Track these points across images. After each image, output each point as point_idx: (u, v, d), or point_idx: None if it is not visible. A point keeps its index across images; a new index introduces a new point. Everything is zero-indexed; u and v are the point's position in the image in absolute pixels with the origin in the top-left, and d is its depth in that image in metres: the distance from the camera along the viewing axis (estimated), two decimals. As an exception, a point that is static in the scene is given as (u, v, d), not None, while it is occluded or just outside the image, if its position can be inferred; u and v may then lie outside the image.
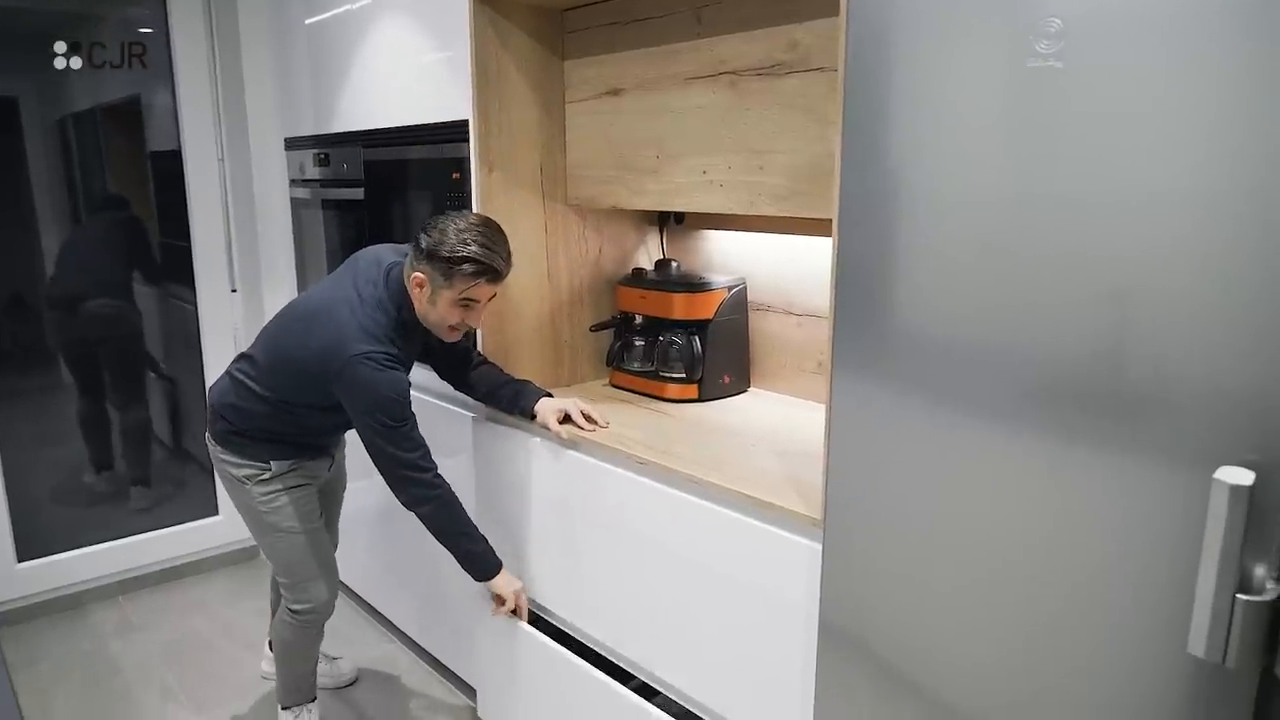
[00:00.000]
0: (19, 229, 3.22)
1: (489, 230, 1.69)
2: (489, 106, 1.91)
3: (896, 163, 1.07)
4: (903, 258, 1.08)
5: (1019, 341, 0.98)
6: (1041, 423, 0.97)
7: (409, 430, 1.75)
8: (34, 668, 2.50)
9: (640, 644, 1.71)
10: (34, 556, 2.79)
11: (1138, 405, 0.89)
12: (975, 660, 1.08)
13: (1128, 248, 0.88)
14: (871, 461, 1.16)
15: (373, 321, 1.72)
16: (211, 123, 2.89)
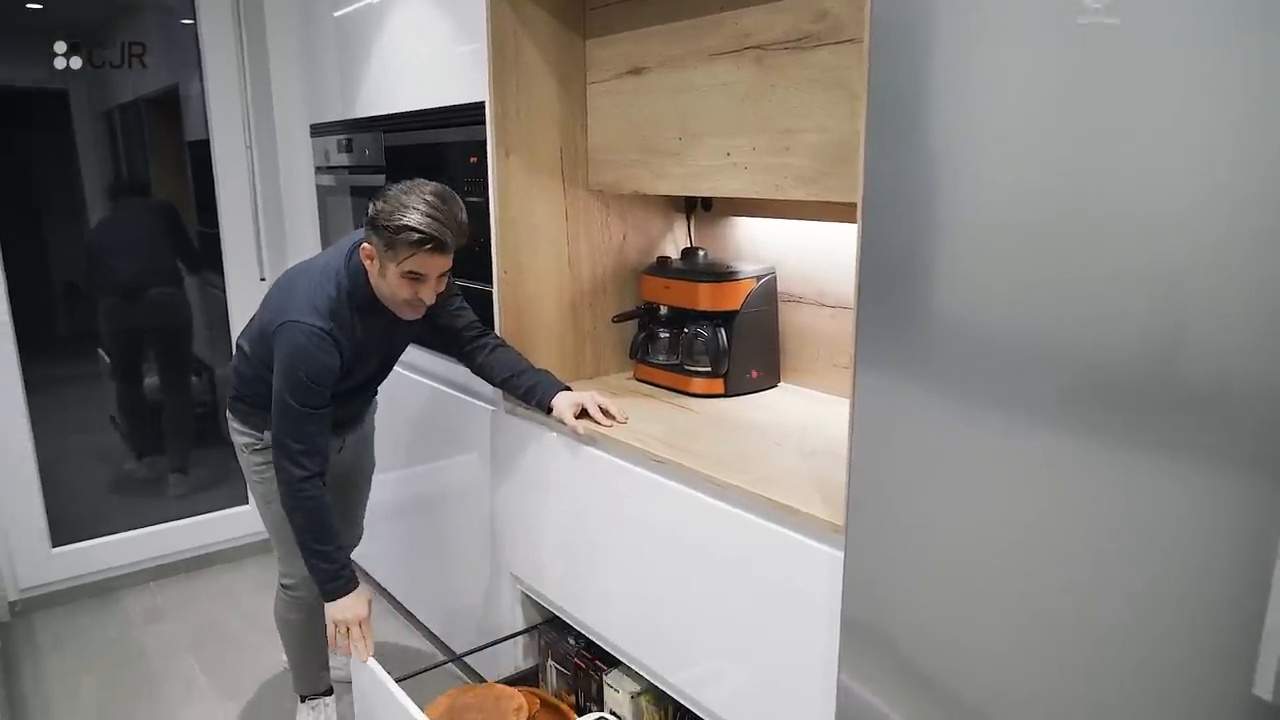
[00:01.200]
0: (70, 219, 3.26)
1: (437, 198, 1.58)
2: (506, 87, 1.84)
3: (927, 138, 0.97)
4: (935, 244, 0.98)
5: (1063, 336, 0.87)
6: (1085, 423, 0.86)
7: (306, 418, 1.67)
8: (64, 652, 2.51)
9: (654, 647, 1.64)
10: (68, 542, 2.81)
11: (1193, 405, 0.78)
12: (1005, 675, 0.98)
13: (1187, 233, 0.77)
14: (898, 464, 1.06)
15: (320, 293, 1.67)
16: (239, 111, 2.87)
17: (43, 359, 2.98)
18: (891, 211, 1.02)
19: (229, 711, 2.23)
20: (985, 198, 0.92)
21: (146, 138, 3.30)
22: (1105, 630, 0.88)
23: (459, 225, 1.60)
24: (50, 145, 4.48)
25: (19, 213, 3.69)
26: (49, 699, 2.30)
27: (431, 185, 1.62)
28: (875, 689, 1.14)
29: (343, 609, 1.75)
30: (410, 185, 1.61)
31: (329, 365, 1.66)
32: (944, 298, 0.98)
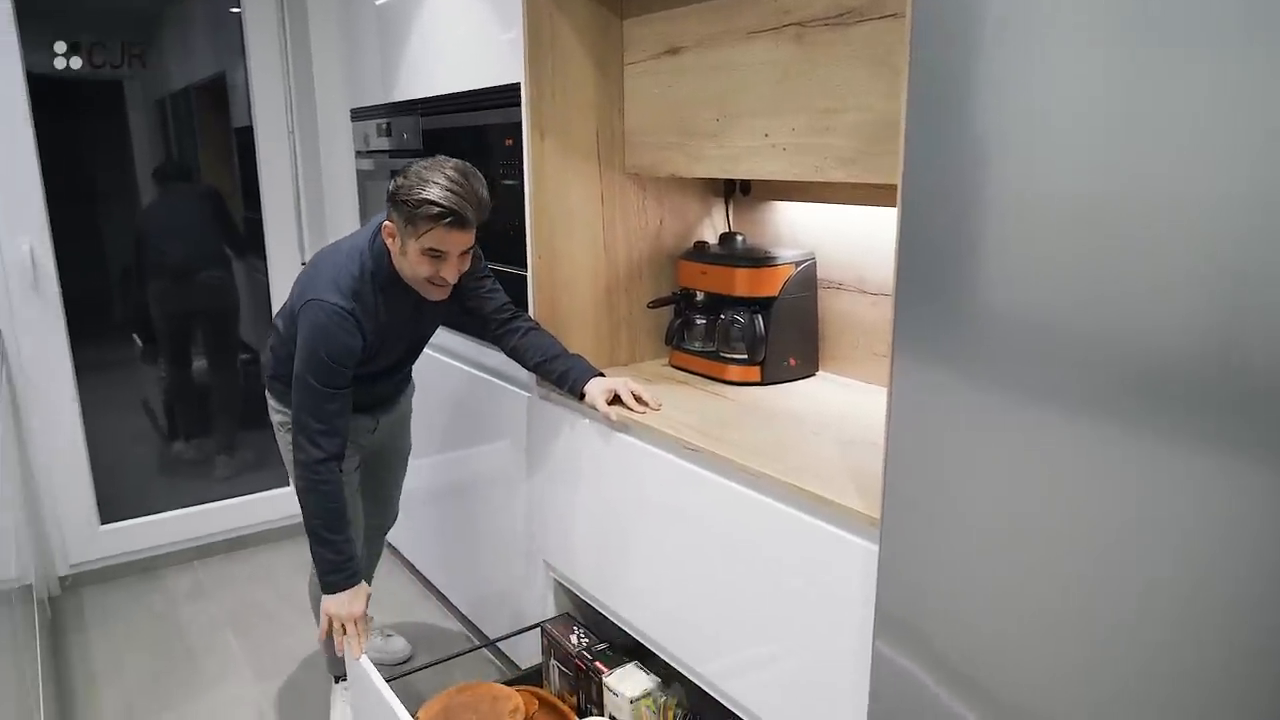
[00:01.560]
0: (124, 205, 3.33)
1: (458, 173, 1.56)
2: (542, 69, 1.81)
3: (974, 119, 0.92)
4: (981, 230, 0.93)
5: (1117, 327, 0.82)
6: (1138, 418, 0.81)
7: (326, 398, 1.66)
8: (109, 626, 2.57)
9: (684, 638, 1.61)
10: (116, 520, 2.87)
11: (1254, 401, 0.72)
12: (1045, 675, 0.94)
13: (1251, 223, 0.71)
14: (937, 455, 1.02)
15: (343, 273, 1.67)
16: (282, 96, 2.89)
17: (96, 342, 3.05)
18: (934, 195, 0.98)
19: (264, 690, 2.26)
20: (1036, 183, 0.87)
21: (195, 125, 3.35)
22: (1156, 632, 0.83)
23: (479, 200, 1.58)
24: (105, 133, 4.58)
25: (76, 199, 3.78)
26: (93, 671, 2.35)
27: (453, 161, 1.60)
28: (909, 686, 1.10)
29: (340, 604, 1.73)
30: (432, 161, 1.60)
31: (350, 345, 1.66)
32: (990, 285, 0.93)
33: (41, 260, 2.58)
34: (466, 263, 1.68)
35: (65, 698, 2.22)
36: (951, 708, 1.05)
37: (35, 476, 2.67)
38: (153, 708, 2.19)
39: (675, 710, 1.72)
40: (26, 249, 2.55)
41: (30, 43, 2.64)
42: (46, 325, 2.62)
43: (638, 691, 1.70)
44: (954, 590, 1.02)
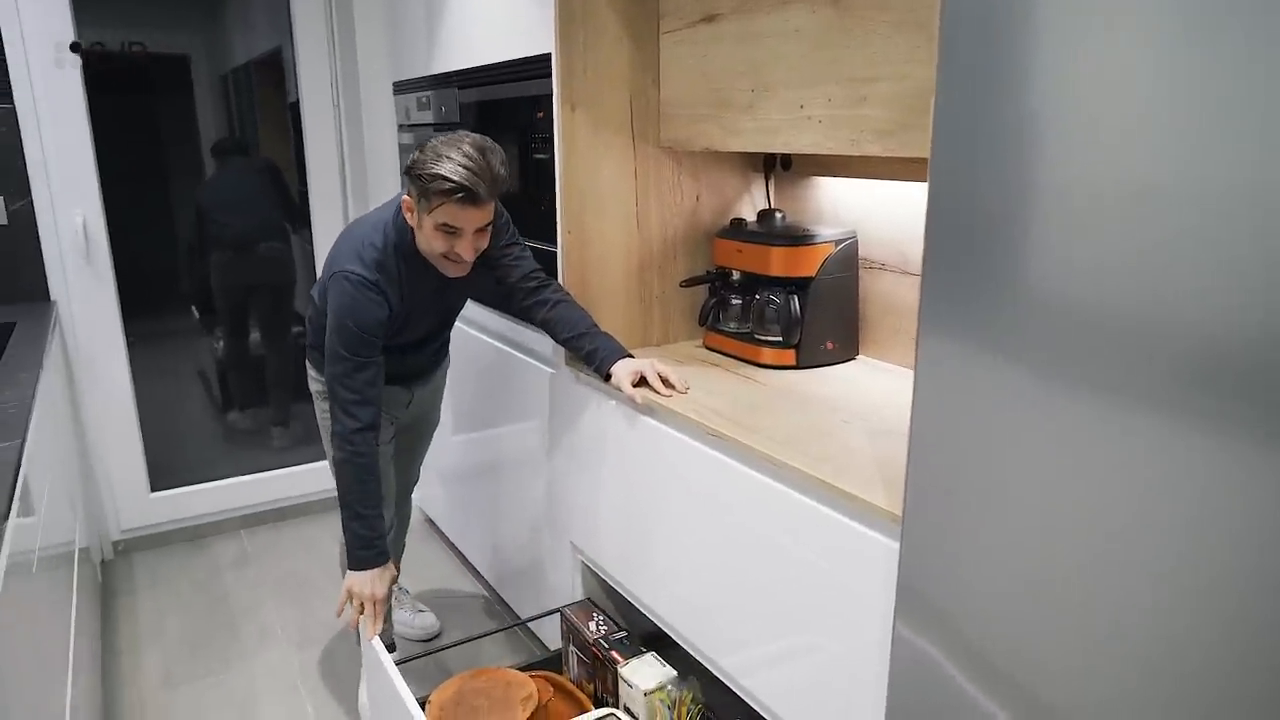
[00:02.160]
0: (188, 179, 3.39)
1: (474, 149, 1.54)
2: (573, 39, 1.75)
3: (1013, 76, 0.83)
4: (1021, 201, 0.85)
5: (1176, 314, 0.73)
6: (1203, 412, 0.72)
7: (358, 368, 1.67)
8: (157, 590, 2.64)
9: (705, 629, 1.56)
10: (166, 488, 2.94)
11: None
12: (1074, 683, 0.86)
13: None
14: (967, 449, 0.94)
15: (366, 244, 1.69)
16: (327, 70, 2.89)
17: (155, 312, 3.13)
18: (969, 162, 0.89)
19: (300, 659, 2.29)
20: (1088, 148, 0.78)
21: (255, 100, 3.38)
22: (1206, 637, 0.75)
23: (493, 177, 1.55)
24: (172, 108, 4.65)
25: (138, 174, 3.87)
26: (138, 634, 2.41)
27: (472, 136, 1.59)
28: (930, 692, 1.03)
29: (363, 582, 1.74)
30: (451, 136, 1.58)
31: (376, 315, 1.67)
32: (1029, 265, 0.85)
33: (94, 232, 2.64)
34: (483, 240, 1.65)
35: (109, 659, 2.29)
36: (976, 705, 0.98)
37: (89, 444, 2.75)
38: (190, 672, 2.23)
39: (690, 706, 1.67)
40: (79, 221, 2.60)
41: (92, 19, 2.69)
42: (98, 296, 2.68)
43: (652, 684, 1.65)
44: (983, 596, 0.95)
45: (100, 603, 2.50)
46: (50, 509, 2.05)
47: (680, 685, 1.69)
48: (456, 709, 1.71)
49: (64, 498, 2.26)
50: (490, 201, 1.59)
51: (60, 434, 2.48)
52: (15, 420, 1.46)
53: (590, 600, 2.00)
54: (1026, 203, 0.84)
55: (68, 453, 2.59)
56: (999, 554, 0.92)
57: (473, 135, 1.59)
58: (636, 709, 1.69)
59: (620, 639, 1.82)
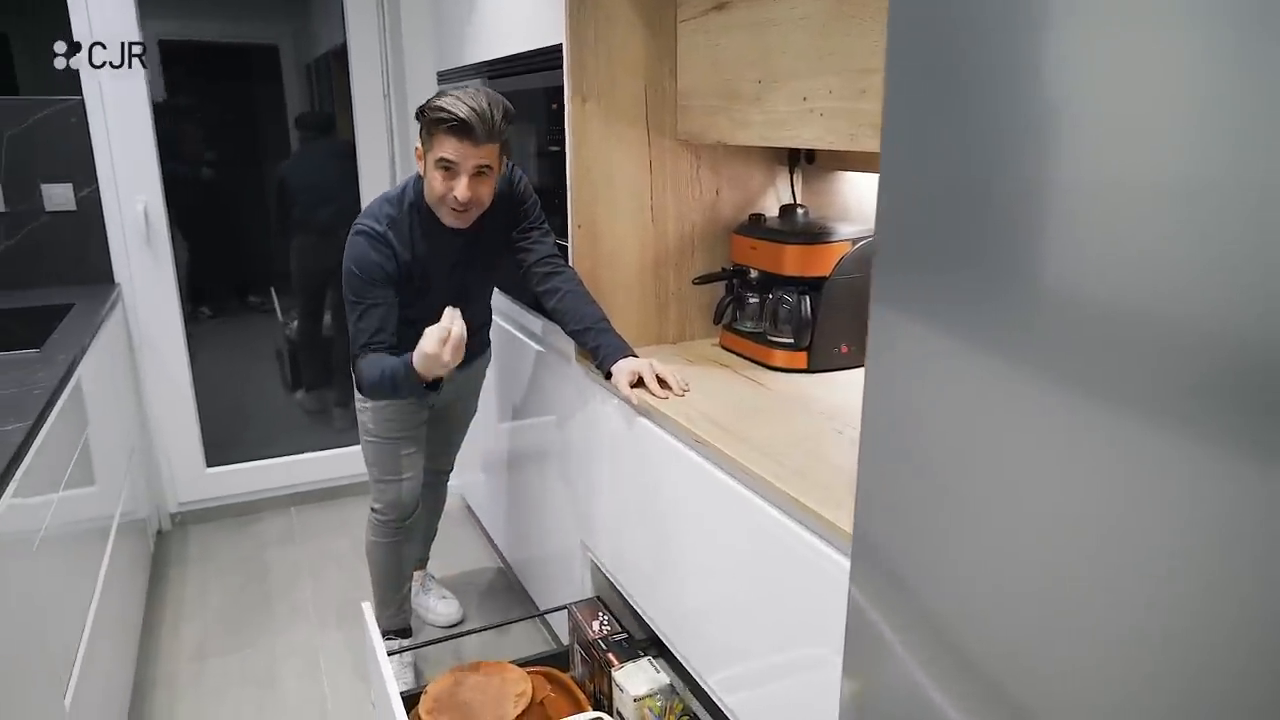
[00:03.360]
0: (268, 164, 3.53)
1: (476, 91, 1.61)
2: (583, 28, 1.71)
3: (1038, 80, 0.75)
4: (970, 195, 0.77)
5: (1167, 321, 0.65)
6: (1207, 424, 0.64)
7: (365, 310, 1.73)
8: (205, 563, 2.75)
9: (688, 636, 1.52)
10: (221, 464, 3.07)
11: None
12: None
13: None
14: (914, 463, 0.87)
15: (383, 200, 1.78)
16: (378, 58, 2.93)
17: (225, 294, 3.26)
18: (920, 163, 0.82)
19: (326, 639, 2.34)
20: (1077, 139, 0.70)
21: (334, 88, 3.48)
22: (1196, 654, 0.67)
23: (488, 116, 1.59)
24: (263, 96, 4.81)
25: (235, 158, 4.05)
26: (181, 602, 2.52)
27: (484, 89, 1.65)
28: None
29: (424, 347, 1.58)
30: (459, 86, 1.68)
31: (378, 261, 1.73)
32: (1056, 266, 0.77)
33: (154, 217, 2.75)
34: (483, 188, 1.68)
35: (150, 626, 2.40)
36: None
37: (150, 420, 2.88)
38: (221, 646, 2.32)
39: (678, 715, 1.63)
40: (141, 207, 2.72)
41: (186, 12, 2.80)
42: (158, 278, 2.80)
43: (642, 690, 1.62)
44: (937, 615, 0.88)
45: (149, 573, 2.62)
46: (110, 480, 2.16)
47: (672, 694, 1.65)
48: (450, 700, 1.71)
49: (122, 471, 2.38)
50: (488, 144, 1.62)
51: (123, 409, 2.61)
52: (32, 403, 1.52)
53: (599, 599, 1.98)
54: (975, 196, 0.76)
55: (132, 429, 2.73)
56: (949, 573, 0.84)
57: (485, 89, 1.65)
58: (627, 713, 1.66)
59: (620, 641, 1.80)
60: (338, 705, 2.09)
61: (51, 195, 2.61)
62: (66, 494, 1.67)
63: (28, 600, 1.34)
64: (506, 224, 1.84)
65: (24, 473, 1.35)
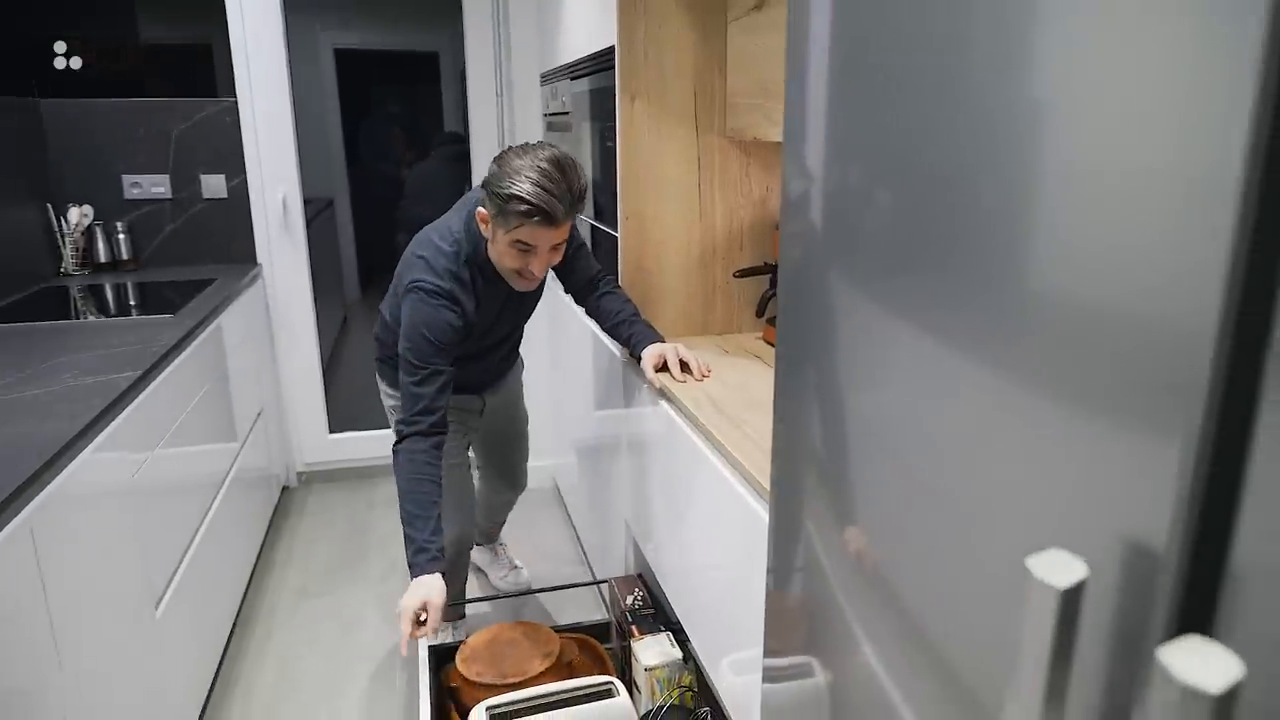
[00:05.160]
0: (407, 161, 3.87)
1: (552, 168, 1.53)
2: (633, 31, 1.81)
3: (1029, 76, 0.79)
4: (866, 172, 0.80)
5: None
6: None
7: (428, 376, 1.66)
8: (319, 517, 3.07)
9: (695, 624, 1.58)
10: (342, 430, 3.39)
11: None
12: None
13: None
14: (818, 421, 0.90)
15: (439, 253, 1.70)
16: (491, 60, 3.13)
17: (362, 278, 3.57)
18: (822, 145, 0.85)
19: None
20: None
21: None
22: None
23: (572, 198, 1.55)
24: (422, 99, 5.23)
25: (371, 157, 4.42)
26: (292, 551, 2.83)
27: (550, 151, 1.57)
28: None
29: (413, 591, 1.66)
30: (529, 150, 1.57)
31: (451, 323, 1.68)
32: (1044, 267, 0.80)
33: (292, 207, 3.08)
34: (557, 257, 1.66)
35: (262, 568, 2.71)
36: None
37: (283, 387, 3.23)
38: (319, 588, 2.59)
39: (682, 688, 1.70)
40: (281, 197, 3.05)
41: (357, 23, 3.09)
42: (293, 261, 3.13)
43: (654, 661, 1.70)
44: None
45: (269, 521, 2.95)
46: (232, 431, 2.47)
47: (680, 669, 1.72)
48: (485, 650, 1.86)
49: (249, 425, 2.70)
50: (568, 221, 1.60)
51: (260, 376, 2.96)
52: (148, 358, 1.78)
53: (640, 576, 2.07)
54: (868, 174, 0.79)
55: (270, 396, 3.08)
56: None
57: (551, 150, 1.58)
58: (640, 682, 1.75)
59: (647, 615, 1.88)
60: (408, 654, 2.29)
61: (208, 184, 2.99)
62: (182, 433, 1.94)
63: (130, 520, 1.59)
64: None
65: (127, 418, 1.60)
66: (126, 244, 2.90)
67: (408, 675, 2.20)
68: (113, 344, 1.89)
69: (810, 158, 0.84)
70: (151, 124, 2.90)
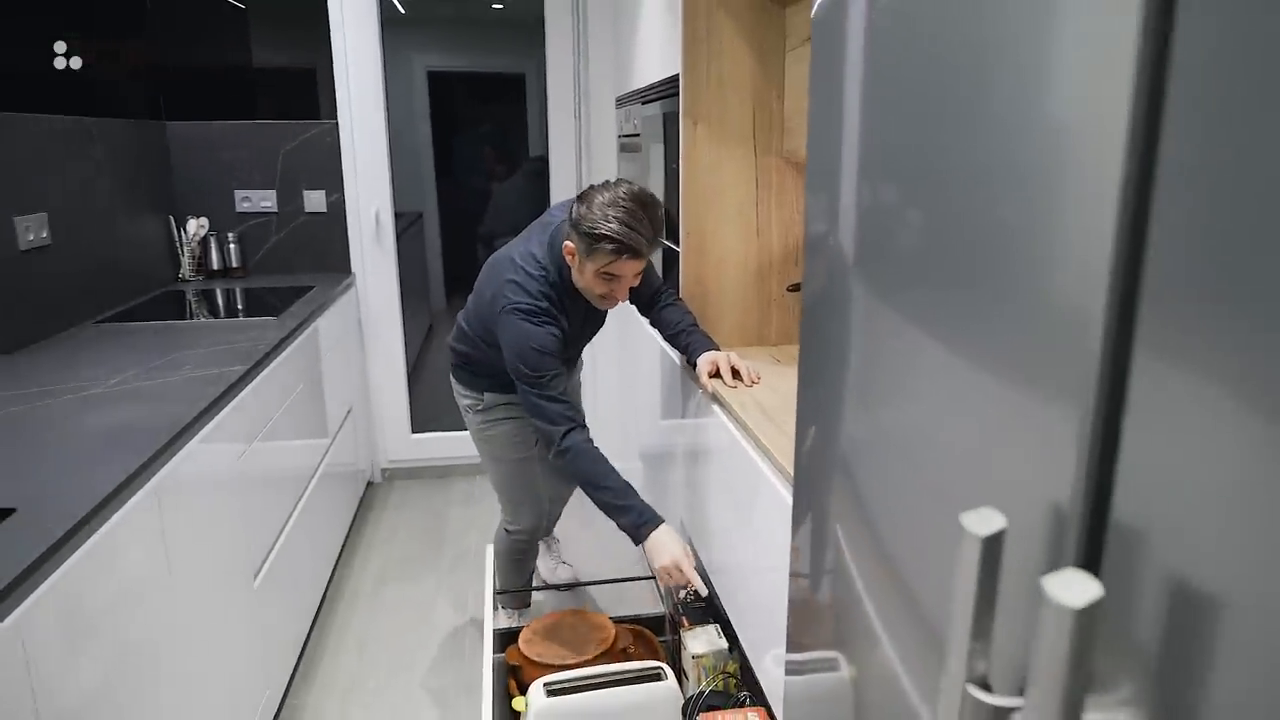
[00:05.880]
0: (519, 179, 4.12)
1: (635, 205, 1.67)
2: (697, 59, 1.94)
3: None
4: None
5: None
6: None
7: (548, 382, 1.80)
8: (400, 510, 3.27)
9: (743, 622, 1.69)
10: (424, 431, 3.60)
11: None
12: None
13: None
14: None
15: (528, 277, 1.83)
16: (571, 83, 3.31)
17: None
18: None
19: (475, 583, 2.73)
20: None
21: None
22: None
23: (654, 232, 1.71)
24: (509, 119, 5.49)
25: (460, 172, 4.71)
26: (373, 541, 3.04)
27: (629, 189, 1.72)
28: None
29: (659, 550, 1.72)
30: (611, 189, 1.72)
31: (553, 334, 1.83)
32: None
33: (384, 220, 3.32)
34: (638, 281, 1.84)
35: (346, 555, 2.92)
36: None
37: (370, 389, 3.47)
38: (396, 574, 2.79)
39: (726, 675, 1.80)
40: (374, 212, 3.29)
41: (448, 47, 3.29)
42: (383, 271, 3.37)
43: (700, 650, 1.81)
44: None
45: (354, 512, 3.16)
46: (325, 425, 2.69)
47: (726, 657, 1.82)
48: (546, 632, 2.00)
49: (339, 421, 2.93)
50: (652, 252, 1.75)
51: (350, 377, 3.19)
52: (256, 353, 2.00)
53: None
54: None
55: (360, 397, 3.32)
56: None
57: (631, 188, 1.72)
58: (687, 669, 1.86)
59: (698, 609, 1.99)
60: (473, 636, 2.46)
61: (310, 199, 3.25)
62: (282, 426, 2.15)
63: (235, 500, 1.79)
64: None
65: (236, 405, 1.81)
66: (236, 253, 3.17)
67: (473, 653, 2.36)
68: (224, 342, 2.12)
69: (833, 175, 0.95)
70: (262, 144, 3.17)
